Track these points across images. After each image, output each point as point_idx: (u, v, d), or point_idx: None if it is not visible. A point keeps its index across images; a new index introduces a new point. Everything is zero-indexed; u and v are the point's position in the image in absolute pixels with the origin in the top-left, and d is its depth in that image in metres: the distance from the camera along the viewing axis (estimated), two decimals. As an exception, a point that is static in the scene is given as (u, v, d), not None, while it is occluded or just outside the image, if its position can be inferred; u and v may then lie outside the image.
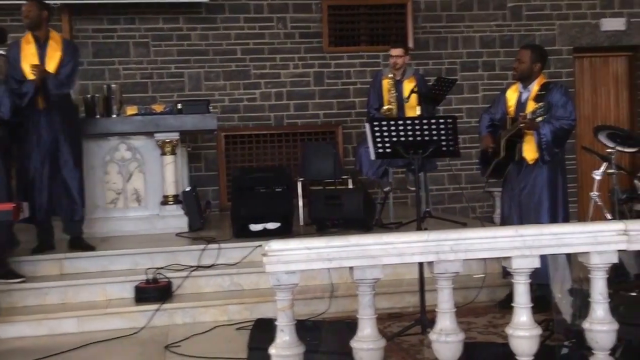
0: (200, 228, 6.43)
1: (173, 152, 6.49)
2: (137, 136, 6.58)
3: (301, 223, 6.62)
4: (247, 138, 8.49)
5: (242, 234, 5.92)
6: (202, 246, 5.59)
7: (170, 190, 6.51)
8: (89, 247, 5.70)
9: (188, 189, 6.60)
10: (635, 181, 5.42)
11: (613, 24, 9.01)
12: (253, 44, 8.45)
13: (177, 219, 6.45)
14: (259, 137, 8.50)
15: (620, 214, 5.34)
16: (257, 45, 8.45)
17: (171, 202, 6.52)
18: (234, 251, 5.61)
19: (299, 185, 7.09)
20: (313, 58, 8.55)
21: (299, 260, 2.79)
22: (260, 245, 2.95)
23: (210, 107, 6.78)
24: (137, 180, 6.61)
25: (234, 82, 8.43)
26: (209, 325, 4.97)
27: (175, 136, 6.46)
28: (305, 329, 3.53)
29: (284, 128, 8.53)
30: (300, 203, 6.88)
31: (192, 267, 5.44)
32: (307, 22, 8.54)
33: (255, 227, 5.91)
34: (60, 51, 5.55)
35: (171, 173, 6.49)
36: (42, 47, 5.55)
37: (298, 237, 4.51)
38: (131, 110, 6.55)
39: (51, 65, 5.51)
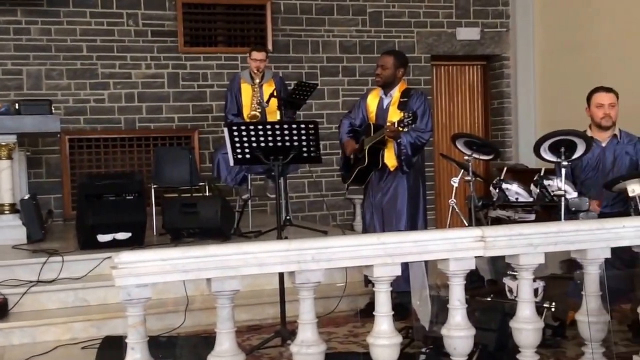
0: (41, 239, 6.12)
1: (9, 157, 6.10)
2: (-33, 138, 6.10)
3: (154, 233, 6.45)
4: (94, 142, 8.10)
5: (88, 245, 5.63)
6: (43, 259, 5.27)
7: (7, 199, 6.11)
8: None
9: (27, 196, 6.26)
10: (491, 188, 5.51)
11: (468, 33, 9.28)
12: (101, 41, 8.06)
13: (14, 230, 6.06)
14: (108, 141, 8.13)
15: (477, 221, 5.41)
16: (106, 42, 8.07)
17: (7, 212, 6.12)
18: (80, 264, 5.32)
19: (152, 192, 6.89)
20: (167, 58, 8.26)
21: (152, 273, 2.67)
22: (109, 257, 2.86)
23: (53, 108, 6.36)
24: (-33, 187, 6.15)
25: (80, 82, 8.01)
26: (51, 345, 4.67)
27: (12, 139, 6.08)
28: (158, 345, 3.47)
29: (136, 132, 8.21)
30: (154, 211, 6.67)
31: (31, 282, 5.13)
32: (161, 20, 8.24)
33: (103, 238, 5.62)
34: None
35: (7, 179, 6.10)
36: None
37: (151, 248, 4.26)
38: (-40, 109, 6.08)
39: None
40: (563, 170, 4.45)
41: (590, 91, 5.01)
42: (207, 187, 7.11)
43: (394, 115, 5.09)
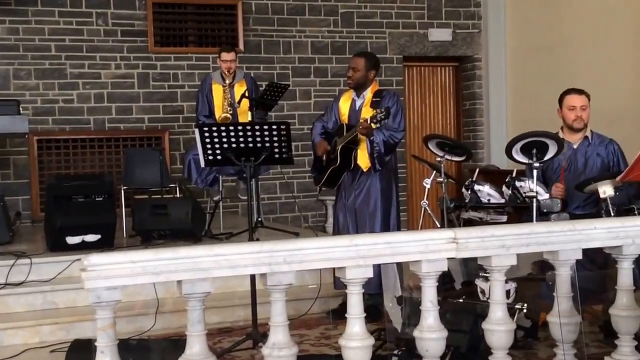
0: (9, 241, 6.01)
1: (-24, 158, 5.96)
2: None
3: (124, 235, 6.40)
4: (63, 143, 7.99)
5: (57, 247, 5.57)
6: (10, 261, 5.21)
7: (-27, 200, 6.00)
8: None
9: (-6, 198, 6.15)
10: (463, 190, 5.53)
11: (440, 34, 9.30)
12: (69, 41, 7.94)
13: (-20, 232, 5.95)
14: (77, 142, 8.02)
15: (449, 222, 5.41)
16: (74, 42, 7.96)
17: (-27, 213, 5.99)
18: (48, 266, 5.27)
19: (122, 193, 6.84)
20: (137, 58, 8.17)
21: (122, 275, 2.64)
22: (78, 259, 2.83)
23: (21, 108, 6.22)
24: None
25: (48, 82, 7.89)
26: (19, 348, 4.63)
27: (-22, 140, 5.96)
28: (128, 348, 3.48)
29: (105, 133, 8.11)
30: (124, 213, 6.61)
31: (-2, 285, 5.06)
32: (131, 20, 8.15)
33: (72, 240, 5.56)
34: None
35: (-27, 181, 5.97)
36: None
37: (121, 250, 4.21)
38: None
39: None
40: (535, 172, 4.46)
41: (562, 93, 4.99)
42: (177, 189, 7.06)
43: (367, 114, 5.07)
